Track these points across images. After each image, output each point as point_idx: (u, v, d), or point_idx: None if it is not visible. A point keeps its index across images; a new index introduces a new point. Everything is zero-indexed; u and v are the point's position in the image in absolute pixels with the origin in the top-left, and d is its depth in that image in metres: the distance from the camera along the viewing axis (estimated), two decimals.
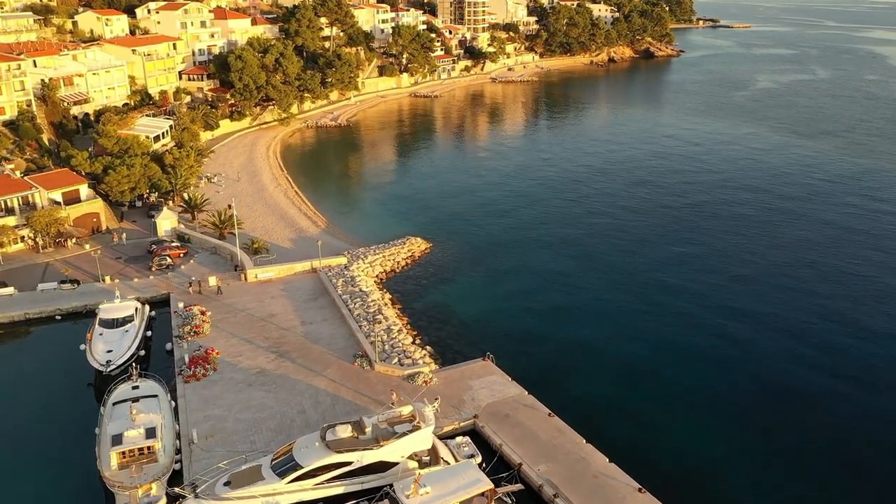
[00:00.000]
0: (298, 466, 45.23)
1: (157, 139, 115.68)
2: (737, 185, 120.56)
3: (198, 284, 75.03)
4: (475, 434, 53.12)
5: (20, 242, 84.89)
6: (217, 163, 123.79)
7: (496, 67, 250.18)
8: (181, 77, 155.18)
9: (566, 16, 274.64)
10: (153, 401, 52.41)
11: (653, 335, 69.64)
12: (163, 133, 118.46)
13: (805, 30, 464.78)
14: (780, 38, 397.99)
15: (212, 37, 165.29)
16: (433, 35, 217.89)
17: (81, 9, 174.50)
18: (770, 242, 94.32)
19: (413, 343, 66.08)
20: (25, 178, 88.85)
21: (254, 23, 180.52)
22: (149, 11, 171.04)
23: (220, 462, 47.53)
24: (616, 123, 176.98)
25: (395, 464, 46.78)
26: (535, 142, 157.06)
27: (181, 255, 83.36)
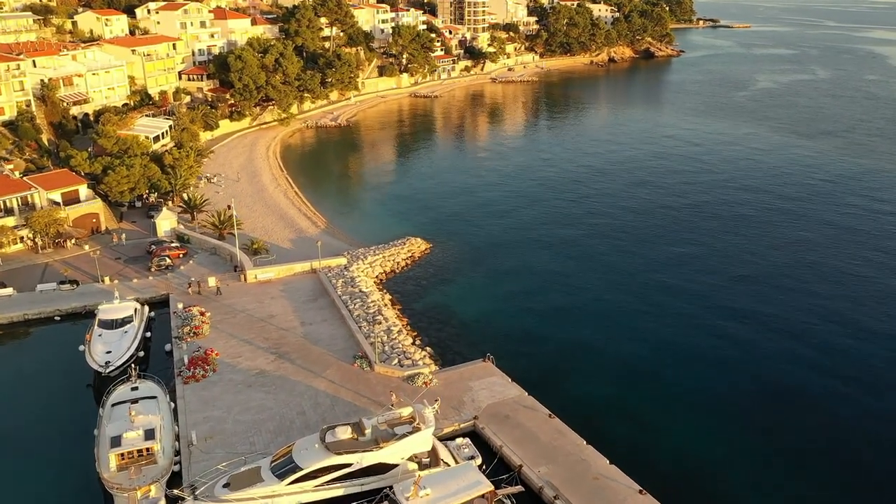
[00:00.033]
0: (298, 468, 45.14)
1: (157, 139, 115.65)
2: (737, 186, 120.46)
3: (197, 285, 74.92)
4: (475, 435, 53.00)
5: (19, 243, 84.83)
6: (217, 163, 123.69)
7: (496, 67, 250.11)
8: (181, 77, 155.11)
9: (566, 16, 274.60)
10: (152, 402, 52.28)
11: (653, 336, 69.59)
12: (162, 133, 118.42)
13: (805, 30, 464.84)
14: (780, 38, 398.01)
15: (211, 37, 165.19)
16: (433, 35, 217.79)
17: (81, 9, 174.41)
18: (770, 243, 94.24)
19: (413, 344, 66.00)
20: (25, 179, 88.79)
21: (254, 23, 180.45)
22: (148, 11, 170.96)
23: (220, 464, 47.43)
24: (616, 123, 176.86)
25: (395, 465, 46.71)
26: (535, 142, 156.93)
27: (180, 256, 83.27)
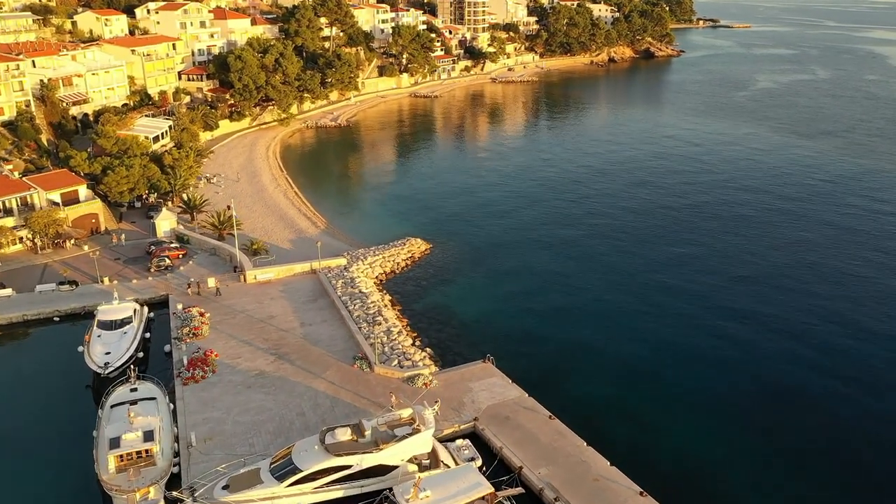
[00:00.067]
0: (297, 470, 45.00)
1: (157, 140, 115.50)
2: (737, 186, 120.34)
3: (196, 286, 74.80)
4: (475, 437, 52.85)
5: (18, 243, 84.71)
6: (216, 163, 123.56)
7: (496, 67, 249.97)
8: (180, 77, 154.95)
9: (566, 16, 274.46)
10: (151, 403, 52.10)
11: (653, 336, 69.49)
12: (162, 133, 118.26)
13: (805, 30, 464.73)
14: (781, 38, 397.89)
15: (211, 37, 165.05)
16: (433, 35, 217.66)
17: (80, 9, 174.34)
18: (770, 243, 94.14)
19: (413, 345, 65.84)
20: (24, 179, 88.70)
21: (253, 23, 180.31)
22: (148, 11, 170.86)
23: (219, 465, 47.28)
24: (616, 124, 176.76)
25: (395, 467, 46.58)
26: (535, 142, 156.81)
27: (180, 257, 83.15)
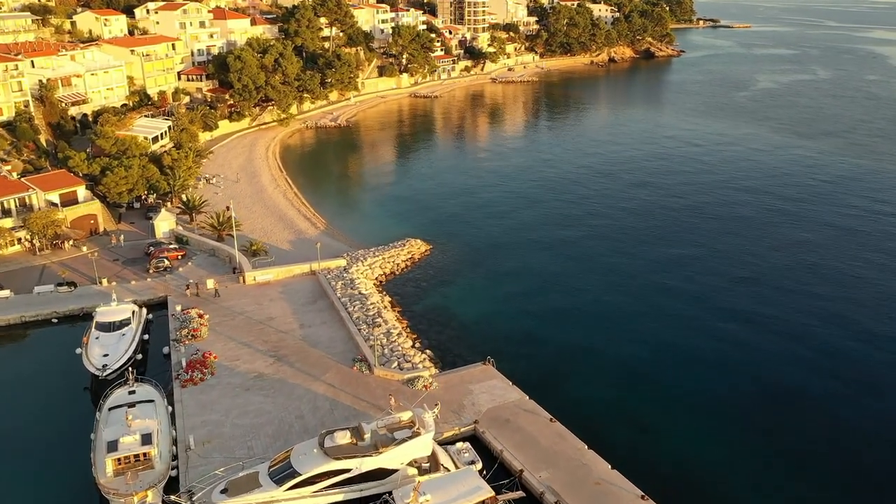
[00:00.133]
0: (296, 473, 44.66)
1: (156, 140, 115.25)
2: (737, 187, 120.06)
3: (195, 287, 74.52)
4: (476, 440, 52.52)
5: (17, 244, 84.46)
6: (216, 164, 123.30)
7: (496, 68, 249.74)
8: (180, 77, 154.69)
9: (566, 16, 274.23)
10: (149, 406, 51.74)
11: (653, 337, 69.21)
12: (161, 134, 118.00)
13: (805, 30, 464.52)
14: (781, 38, 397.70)
15: (211, 37, 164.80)
16: (433, 35, 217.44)
17: (80, 9, 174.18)
18: (771, 244, 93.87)
19: (413, 347, 65.53)
20: (22, 180, 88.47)
21: (253, 23, 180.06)
22: (147, 12, 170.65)
23: (217, 469, 46.98)
24: (616, 124, 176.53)
25: (395, 471, 46.22)
26: (535, 143, 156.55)
27: (179, 258, 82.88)
